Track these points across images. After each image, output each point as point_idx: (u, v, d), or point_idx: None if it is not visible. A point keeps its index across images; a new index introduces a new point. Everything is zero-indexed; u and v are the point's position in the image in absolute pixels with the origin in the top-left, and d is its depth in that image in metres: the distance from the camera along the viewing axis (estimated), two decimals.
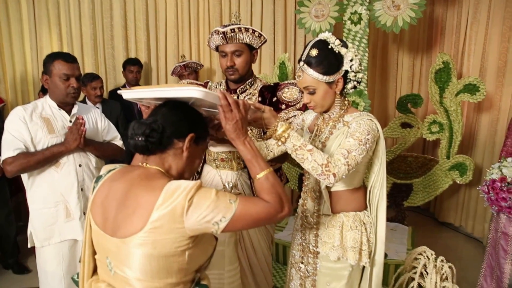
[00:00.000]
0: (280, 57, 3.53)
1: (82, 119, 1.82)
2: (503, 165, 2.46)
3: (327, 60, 1.35)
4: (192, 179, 1.71)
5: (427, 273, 2.19)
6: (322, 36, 1.39)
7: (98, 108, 3.30)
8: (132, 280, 1.00)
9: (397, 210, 3.35)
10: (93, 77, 3.19)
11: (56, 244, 1.87)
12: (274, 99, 1.84)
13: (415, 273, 2.22)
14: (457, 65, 3.73)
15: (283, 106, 1.83)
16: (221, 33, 1.76)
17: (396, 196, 3.36)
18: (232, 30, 1.74)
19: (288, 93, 1.83)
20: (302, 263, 1.57)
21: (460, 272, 2.92)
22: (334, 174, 1.27)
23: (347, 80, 1.40)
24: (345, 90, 1.43)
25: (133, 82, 3.63)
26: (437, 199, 4.01)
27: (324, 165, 1.27)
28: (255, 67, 4.02)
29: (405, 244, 2.83)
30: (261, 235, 1.96)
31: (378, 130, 1.40)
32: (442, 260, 2.21)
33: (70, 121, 1.89)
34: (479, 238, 3.48)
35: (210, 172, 1.96)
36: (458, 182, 3.14)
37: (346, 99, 1.47)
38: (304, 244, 1.57)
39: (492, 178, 2.47)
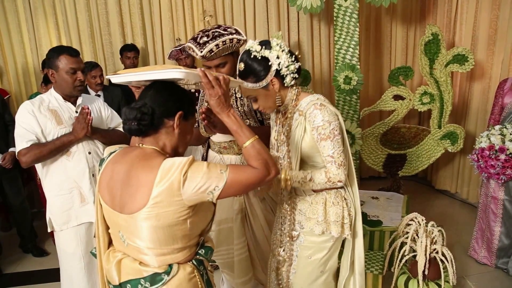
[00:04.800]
0: (273, 36, 3.57)
1: (88, 108, 1.91)
2: (491, 133, 2.55)
3: (254, 69, 1.44)
4: None
5: (418, 237, 2.33)
6: (246, 46, 1.47)
7: (99, 95, 3.39)
8: (144, 249, 1.14)
9: (392, 180, 3.48)
10: (92, 65, 3.26)
11: (73, 227, 2.00)
12: None
13: (407, 238, 2.36)
14: (450, 34, 3.76)
15: None
16: (199, 56, 1.69)
17: (391, 167, 3.48)
18: (211, 51, 1.68)
19: None
20: (280, 246, 1.68)
21: (454, 236, 3.08)
22: (339, 181, 1.46)
23: (283, 76, 1.46)
24: (285, 84, 1.49)
25: (131, 68, 3.70)
26: (433, 168, 4.13)
27: (327, 181, 1.46)
28: None
29: (400, 212, 2.96)
30: (266, 207, 2.05)
31: (334, 113, 1.49)
32: (432, 225, 2.34)
33: (76, 112, 1.98)
34: (474, 203, 3.59)
35: (215, 158, 2.07)
36: (450, 150, 3.25)
37: (294, 87, 1.53)
38: (282, 228, 1.68)
39: (481, 147, 2.57)
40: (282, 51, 1.44)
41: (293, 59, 1.47)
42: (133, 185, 1.11)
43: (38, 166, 1.97)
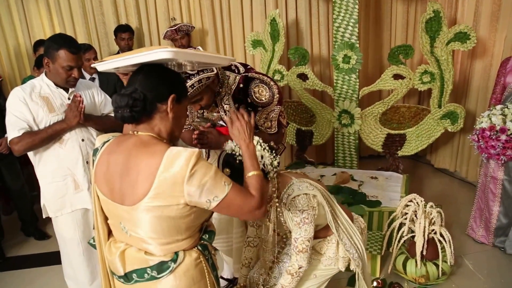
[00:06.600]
0: (270, 14, 3.48)
1: (80, 96, 1.88)
2: (492, 113, 2.51)
3: (240, 172, 1.41)
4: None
5: (417, 218, 2.34)
6: (227, 149, 1.46)
7: (94, 78, 3.34)
8: (147, 239, 1.12)
9: (391, 160, 3.46)
10: (86, 48, 3.18)
11: (69, 213, 2.00)
12: (249, 100, 1.86)
13: (406, 218, 2.38)
14: (452, 10, 3.67)
15: (259, 108, 1.88)
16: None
17: (390, 146, 3.46)
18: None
19: (257, 94, 1.84)
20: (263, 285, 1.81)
21: (452, 216, 3.10)
22: (299, 267, 1.54)
23: (267, 172, 1.50)
24: (269, 179, 1.54)
25: (126, 49, 3.61)
26: (432, 146, 4.11)
27: (291, 276, 1.54)
28: (247, 23, 3.99)
29: (399, 192, 2.96)
30: None
31: (310, 195, 1.55)
32: (431, 206, 2.35)
33: (69, 98, 1.95)
34: (473, 182, 3.59)
35: (215, 156, 2.11)
36: (450, 130, 3.21)
37: (274, 179, 1.57)
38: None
39: (481, 127, 2.54)
40: (264, 149, 1.49)
41: (274, 154, 1.52)
42: (133, 174, 1.08)
43: (30, 154, 1.94)
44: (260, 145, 1.48)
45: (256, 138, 1.50)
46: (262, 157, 1.48)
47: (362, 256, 1.69)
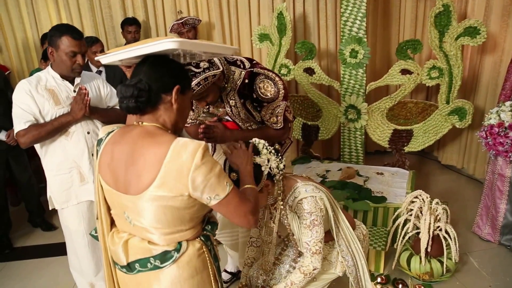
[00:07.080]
0: (277, 8, 3.45)
1: (85, 89, 1.88)
2: (501, 110, 2.48)
3: None
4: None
5: (422, 214, 2.32)
6: None
7: (101, 71, 3.35)
8: (151, 228, 1.12)
9: (398, 155, 3.44)
10: (93, 41, 3.19)
11: (74, 206, 2.02)
12: (254, 95, 1.86)
13: (411, 215, 2.36)
14: (462, 5, 3.61)
15: (265, 104, 1.87)
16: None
17: (397, 142, 3.43)
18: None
19: (262, 89, 1.83)
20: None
21: (459, 212, 3.08)
22: (314, 269, 1.54)
23: (273, 175, 1.53)
24: (275, 181, 1.57)
25: (132, 42, 3.61)
26: (440, 143, 4.07)
27: (304, 276, 1.54)
28: (253, 17, 3.97)
29: (405, 188, 2.94)
30: None
31: (316, 197, 1.55)
32: (437, 203, 2.33)
33: (74, 91, 1.95)
34: (480, 179, 3.55)
35: (221, 150, 2.11)
36: (457, 126, 3.17)
37: (280, 182, 1.60)
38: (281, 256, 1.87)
39: (490, 124, 2.51)
40: (270, 152, 1.51)
41: (279, 156, 1.54)
42: (139, 163, 1.08)
43: (36, 146, 1.96)
44: (266, 148, 1.50)
45: (262, 141, 1.52)
46: (268, 160, 1.50)
47: (357, 265, 1.69)
